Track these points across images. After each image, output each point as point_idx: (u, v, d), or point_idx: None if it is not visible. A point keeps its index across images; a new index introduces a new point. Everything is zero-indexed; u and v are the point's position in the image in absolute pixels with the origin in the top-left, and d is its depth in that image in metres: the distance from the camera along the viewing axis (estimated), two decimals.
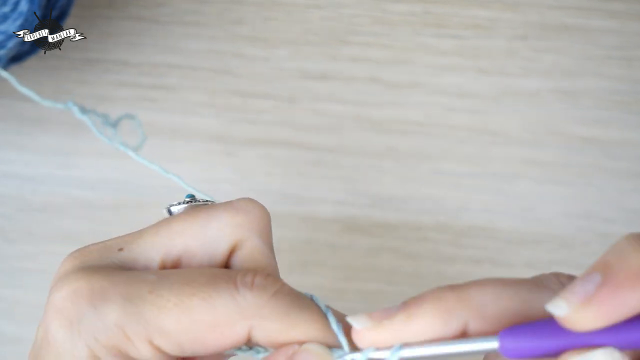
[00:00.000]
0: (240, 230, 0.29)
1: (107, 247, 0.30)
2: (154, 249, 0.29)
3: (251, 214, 0.30)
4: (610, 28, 0.52)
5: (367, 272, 0.50)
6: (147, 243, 0.29)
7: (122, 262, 0.29)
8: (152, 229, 0.30)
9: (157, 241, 0.29)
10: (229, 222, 0.29)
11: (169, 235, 0.29)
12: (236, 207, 0.30)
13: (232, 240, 0.29)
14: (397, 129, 0.51)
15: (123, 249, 0.29)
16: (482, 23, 0.52)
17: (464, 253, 0.50)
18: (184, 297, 0.26)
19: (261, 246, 0.30)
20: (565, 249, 0.50)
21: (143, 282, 0.27)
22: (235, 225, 0.29)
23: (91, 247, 0.30)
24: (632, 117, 0.51)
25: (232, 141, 0.51)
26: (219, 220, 0.29)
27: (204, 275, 0.27)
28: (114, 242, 0.30)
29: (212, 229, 0.29)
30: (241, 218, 0.30)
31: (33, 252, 0.51)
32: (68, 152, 0.51)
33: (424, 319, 0.25)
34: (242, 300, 0.26)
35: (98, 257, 0.29)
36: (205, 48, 0.52)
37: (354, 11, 0.52)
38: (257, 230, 0.30)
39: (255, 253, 0.30)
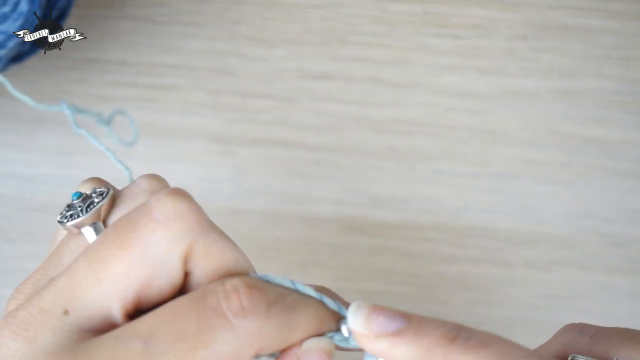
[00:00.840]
0: (182, 241, 0.26)
1: (46, 313, 0.26)
2: (106, 300, 0.26)
3: (183, 217, 0.26)
4: (610, 28, 0.52)
5: (367, 272, 0.50)
6: (95, 296, 0.26)
7: (76, 327, 0.26)
8: (88, 278, 0.26)
9: (105, 290, 0.26)
10: (166, 238, 0.26)
11: (115, 280, 0.26)
12: (164, 217, 0.26)
13: (181, 253, 0.26)
14: (397, 129, 0.51)
15: (68, 312, 0.26)
16: (482, 23, 0.52)
17: (464, 253, 0.50)
18: (186, 354, 0.25)
19: (210, 241, 0.27)
20: (565, 249, 0.50)
21: (133, 354, 0.25)
22: (174, 239, 0.26)
23: (27, 317, 0.26)
24: (632, 117, 0.51)
25: (232, 141, 0.51)
26: (155, 242, 0.26)
27: (190, 319, 0.25)
28: (48, 301, 0.26)
29: (155, 255, 0.26)
30: (176, 227, 0.26)
31: (33, 252, 0.51)
32: (68, 152, 0.51)
33: (405, 357, 0.26)
34: (242, 331, 0.25)
35: (49, 333, 0.26)
36: (205, 48, 0.52)
37: (354, 11, 0.52)
38: (196, 229, 0.27)
39: (209, 251, 0.27)
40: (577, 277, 0.50)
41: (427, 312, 0.49)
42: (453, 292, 0.50)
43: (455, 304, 0.50)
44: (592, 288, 0.50)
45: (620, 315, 0.50)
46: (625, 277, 0.50)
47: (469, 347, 0.26)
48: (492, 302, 0.50)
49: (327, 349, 0.27)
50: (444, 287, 0.50)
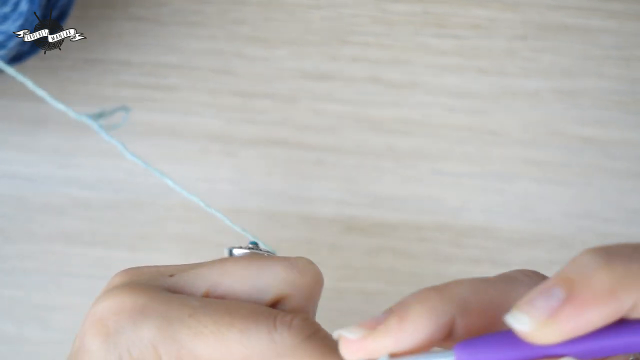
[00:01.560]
0: (288, 287, 0.30)
1: (159, 271, 0.30)
2: (203, 281, 0.30)
3: (306, 275, 0.30)
4: (609, 28, 0.52)
5: (367, 272, 0.50)
6: (198, 274, 0.30)
7: (170, 286, 0.30)
8: (207, 263, 0.30)
9: (208, 275, 0.30)
10: (281, 276, 0.30)
11: (221, 273, 0.30)
12: (293, 264, 0.30)
13: (278, 294, 0.30)
14: (397, 129, 0.51)
15: (174, 275, 0.30)
16: (482, 23, 0.52)
17: (463, 253, 0.50)
18: (222, 326, 0.27)
19: (304, 306, 0.30)
20: (565, 249, 0.50)
21: (185, 305, 0.28)
22: (285, 281, 0.30)
23: (144, 268, 0.31)
24: (632, 117, 0.51)
25: (232, 141, 0.51)
26: (271, 272, 0.30)
27: (245, 308, 0.28)
28: (167, 268, 0.31)
29: (263, 279, 0.30)
30: (294, 276, 0.30)
31: (33, 252, 0.51)
32: (68, 152, 0.51)
33: (416, 320, 0.25)
34: (279, 337, 0.27)
35: (148, 277, 0.30)
36: (205, 48, 0.52)
37: (354, 11, 0.52)
38: (305, 291, 0.30)
39: (297, 311, 0.30)
40: None
41: None
42: None
43: None
44: None
45: None
46: None
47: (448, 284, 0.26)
48: None
49: None
50: None
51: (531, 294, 0.24)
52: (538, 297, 0.24)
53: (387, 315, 0.26)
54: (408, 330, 0.25)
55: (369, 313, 0.49)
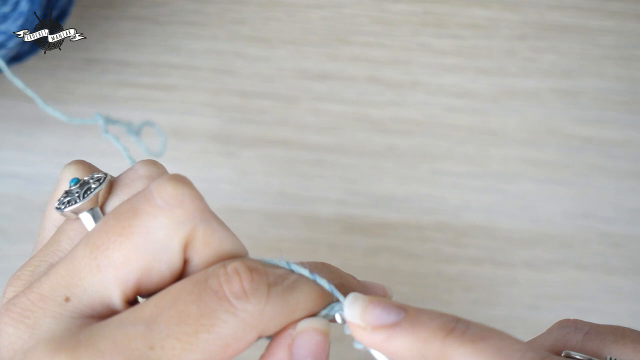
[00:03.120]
0: (182, 228, 0.26)
1: (46, 300, 0.26)
2: (107, 287, 0.26)
3: (184, 203, 0.26)
4: (609, 28, 0.52)
5: (367, 272, 0.50)
6: (94, 284, 0.26)
7: (77, 313, 0.26)
8: (88, 265, 0.26)
9: (106, 278, 0.26)
10: (167, 225, 0.26)
11: (115, 267, 0.26)
12: (168, 204, 0.26)
13: (181, 240, 0.26)
14: (397, 129, 0.51)
15: (69, 298, 0.26)
16: (482, 23, 0.52)
17: (464, 253, 0.50)
18: (188, 337, 0.25)
19: (210, 228, 0.27)
20: (565, 249, 0.50)
21: (135, 338, 0.25)
22: (174, 225, 0.26)
23: (27, 304, 0.26)
24: (632, 117, 0.51)
25: (232, 141, 0.51)
26: (156, 228, 0.26)
27: (192, 302, 0.25)
28: (48, 288, 0.26)
29: (156, 242, 0.26)
30: (177, 213, 0.26)
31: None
32: (68, 152, 0.51)
33: (401, 350, 0.26)
34: (244, 314, 0.25)
35: (50, 319, 0.26)
36: (205, 48, 0.52)
37: (354, 11, 0.52)
38: (196, 216, 0.26)
39: (209, 239, 0.27)
40: (577, 277, 0.50)
41: None
42: (453, 292, 0.50)
43: (455, 304, 0.50)
44: (592, 288, 0.50)
45: (620, 315, 0.50)
46: (625, 277, 0.50)
47: (466, 339, 0.25)
48: (492, 302, 0.50)
49: (322, 329, 0.27)
50: (444, 287, 0.50)
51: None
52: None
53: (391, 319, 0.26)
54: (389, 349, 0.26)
55: None
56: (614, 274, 0.50)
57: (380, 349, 0.26)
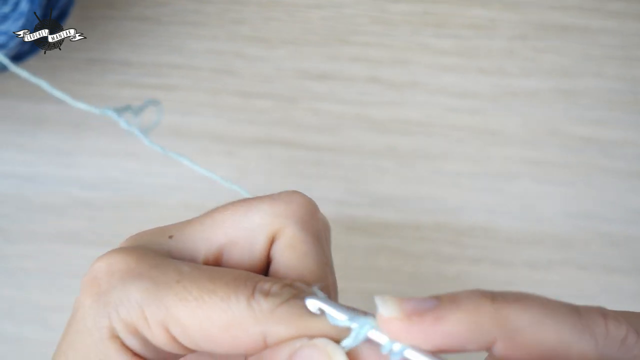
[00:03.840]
0: (278, 220, 0.30)
1: (159, 232, 0.31)
2: (198, 239, 0.30)
3: (292, 203, 0.30)
4: (610, 28, 0.52)
5: (367, 272, 0.50)
6: (193, 233, 0.31)
7: (170, 248, 0.30)
8: (198, 219, 0.31)
9: (201, 231, 0.30)
10: (267, 211, 0.30)
11: (212, 225, 0.30)
12: (276, 198, 0.31)
13: (271, 229, 0.30)
14: (397, 129, 0.51)
15: (173, 236, 0.31)
16: (482, 23, 0.52)
17: (464, 253, 0.50)
18: (204, 292, 0.27)
19: (300, 234, 0.30)
20: (565, 249, 0.50)
21: (175, 271, 0.28)
22: (273, 214, 0.30)
23: (147, 232, 0.31)
24: (632, 117, 0.51)
25: (232, 141, 0.51)
26: (258, 209, 0.30)
27: (229, 275, 0.28)
28: (167, 229, 0.31)
29: (252, 219, 0.30)
30: (280, 207, 0.30)
31: (33, 252, 0.51)
32: (68, 151, 0.52)
33: (454, 327, 0.25)
34: (256, 305, 0.27)
35: (149, 239, 0.31)
36: (205, 48, 0.52)
37: (354, 11, 0.52)
38: (296, 218, 0.30)
39: (294, 241, 0.30)
40: (577, 277, 0.50)
41: None
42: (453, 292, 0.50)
43: None
44: (592, 288, 0.50)
45: None
46: (625, 277, 0.50)
47: (509, 299, 0.25)
48: None
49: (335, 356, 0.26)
50: (444, 287, 0.50)
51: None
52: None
53: (429, 307, 0.25)
54: (440, 332, 0.25)
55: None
56: (614, 274, 0.50)
57: (430, 336, 0.25)
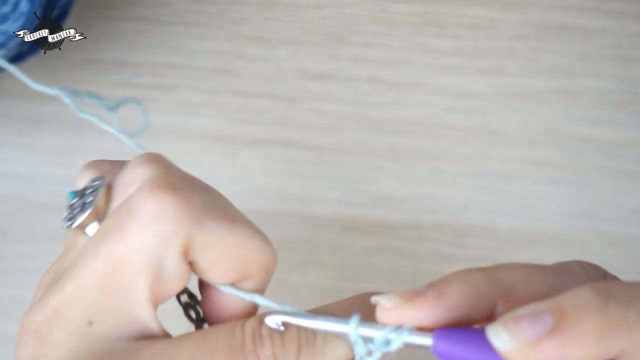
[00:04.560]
0: (175, 240, 0.26)
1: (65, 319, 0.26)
2: (127, 307, 0.26)
3: (169, 216, 0.26)
4: (609, 28, 0.52)
5: (367, 272, 0.50)
6: (114, 306, 0.26)
7: (105, 336, 0.26)
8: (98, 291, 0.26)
9: (124, 300, 0.26)
10: (157, 242, 0.26)
11: (125, 291, 0.26)
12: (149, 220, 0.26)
13: (177, 252, 0.26)
14: (397, 129, 0.51)
15: (92, 323, 0.26)
16: (482, 23, 0.52)
17: (464, 253, 0.50)
18: None
19: (206, 230, 0.27)
20: (565, 249, 0.50)
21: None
22: (165, 240, 0.26)
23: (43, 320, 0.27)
24: (632, 117, 0.51)
25: (232, 141, 0.51)
26: (148, 248, 0.26)
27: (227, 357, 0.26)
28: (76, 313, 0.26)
29: (153, 259, 0.26)
30: (164, 228, 0.26)
31: (33, 252, 0.51)
32: (68, 152, 0.51)
33: (454, 297, 0.25)
34: None
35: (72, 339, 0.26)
36: (205, 48, 0.52)
37: (354, 11, 0.52)
38: (188, 224, 0.26)
39: (207, 241, 0.27)
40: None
41: None
42: None
43: None
44: None
45: None
46: (625, 277, 0.50)
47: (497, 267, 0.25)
48: None
49: None
50: None
51: (519, 312, 0.23)
52: (526, 318, 0.23)
53: (427, 288, 0.25)
54: (444, 306, 0.25)
55: None
56: (613, 274, 0.50)
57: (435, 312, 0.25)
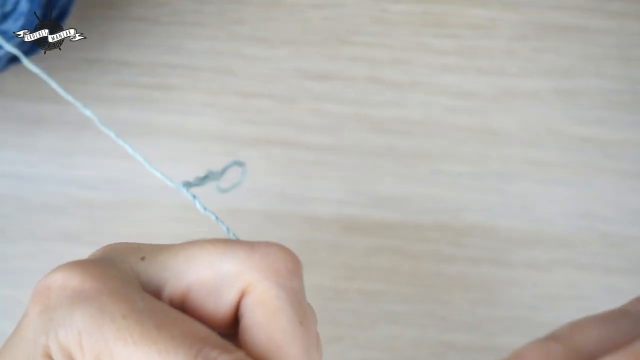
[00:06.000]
0: (251, 272, 0.27)
1: (134, 249, 0.29)
2: (169, 271, 0.28)
3: (269, 255, 0.28)
4: (609, 28, 0.52)
5: (367, 272, 0.50)
6: (165, 262, 0.28)
7: (139, 271, 0.28)
8: (174, 248, 0.29)
9: (174, 264, 0.28)
10: (242, 260, 0.28)
11: (185, 260, 0.28)
12: (255, 247, 0.28)
13: (242, 281, 0.28)
14: (397, 129, 0.51)
15: (145, 259, 0.29)
16: (482, 23, 0.52)
17: (464, 253, 0.50)
18: (145, 339, 0.25)
19: (272, 289, 0.27)
20: (565, 249, 0.50)
21: (127, 302, 0.26)
22: (248, 265, 0.28)
23: (122, 244, 0.30)
24: (632, 117, 0.51)
25: (232, 141, 0.51)
26: (233, 255, 0.28)
27: (179, 328, 0.26)
28: (141, 247, 0.29)
29: (225, 264, 0.28)
30: (255, 258, 0.28)
31: (33, 252, 0.51)
32: (68, 152, 0.51)
33: None
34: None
35: (121, 254, 0.29)
36: (205, 48, 0.52)
37: (354, 11, 0.52)
38: (270, 271, 0.28)
39: (265, 297, 0.27)
40: (577, 277, 0.50)
41: (427, 312, 0.50)
42: (453, 292, 0.50)
43: (455, 304, 0.50)
44: (592, 288, 0.50)
45: None
46: (625, 277, 0.50)
47: None
48: (492, 302, 0.50)
49: None
50: (444, 287, 0.50)
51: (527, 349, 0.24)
52: None
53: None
54: None
55: (369, 313, 0.49)
56: (614, 274, 0.50)
57: None
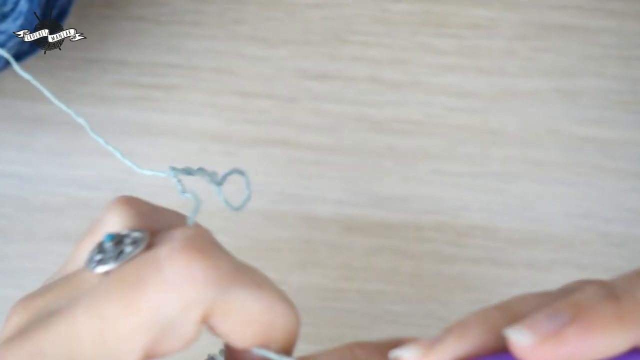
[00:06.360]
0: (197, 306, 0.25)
1: None
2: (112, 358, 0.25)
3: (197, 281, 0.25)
4: (609, 28, 0.52)
5: (367, 272, 0.50)
6: (100, 354, 0.25)
7: None
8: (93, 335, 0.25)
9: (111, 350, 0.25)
10: (179, 305, 0.25)
11: (120, 341, 0.25)
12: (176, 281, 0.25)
13: (196, 317, 0.25)
14: (397, 129, 0.51)
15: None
16: (482, 23, 0.52)
17: (464, 253, 0.50)
18: None
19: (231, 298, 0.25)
20: (565, 249, 0.50)
21: None
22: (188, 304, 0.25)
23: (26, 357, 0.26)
24: (632, 117, 0.51)
25: (232, 141, 0.51)
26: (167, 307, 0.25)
27: None
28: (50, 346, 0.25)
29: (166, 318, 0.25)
30: (190, 292, 0.25)
31: (33, 252, 0.51)
32: (68, 152, 0.51)
33: (475, 339, 0.25)
34: None
35: None
36: (205, 48, 0.52)
37: (354, 11, 0.52)
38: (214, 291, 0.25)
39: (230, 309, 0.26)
40: (577, 277, 0.50)
41: (427, 312, 0.50)
42: (453, 292, 0.50)
43: (455, 304, 0.50)
44: None
45: None
46: None
47: None
48: (492, 302, 0.50)
49: None
50: (444, 287, 0.50)
51: (536, 315, 0.23)
52: (543, 318, 0.23)
53: (445, 334, 0.25)
54: (465, 348, 0.25)
55: (369, 313, 0.49)
56: (614, 274, 0.50)
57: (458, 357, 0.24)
